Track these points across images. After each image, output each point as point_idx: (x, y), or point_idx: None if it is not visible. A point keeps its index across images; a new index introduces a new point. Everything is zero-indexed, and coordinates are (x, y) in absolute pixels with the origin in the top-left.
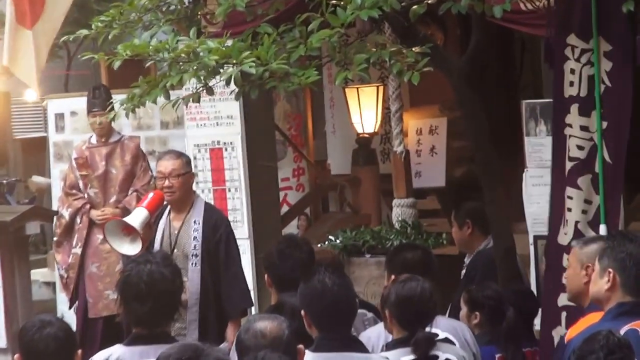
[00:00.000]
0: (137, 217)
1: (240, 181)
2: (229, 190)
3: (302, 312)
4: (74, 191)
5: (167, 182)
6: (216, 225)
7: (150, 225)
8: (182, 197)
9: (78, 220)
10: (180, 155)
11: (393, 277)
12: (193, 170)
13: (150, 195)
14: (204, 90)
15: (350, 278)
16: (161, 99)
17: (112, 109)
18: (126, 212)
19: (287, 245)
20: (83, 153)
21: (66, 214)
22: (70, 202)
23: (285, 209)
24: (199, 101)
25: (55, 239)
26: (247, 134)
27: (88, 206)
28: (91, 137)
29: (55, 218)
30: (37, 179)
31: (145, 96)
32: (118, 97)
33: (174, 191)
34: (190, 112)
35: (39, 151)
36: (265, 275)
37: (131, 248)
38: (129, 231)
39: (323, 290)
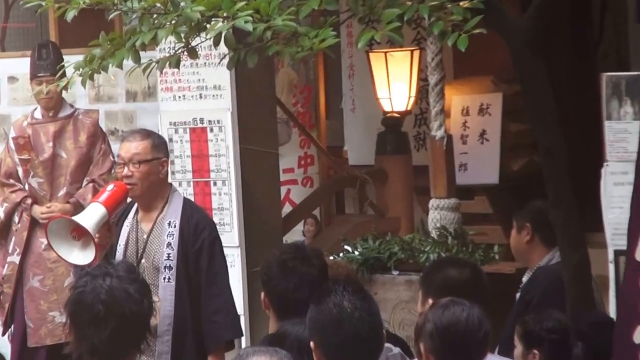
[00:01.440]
0: (90, 216)
1: (229, 172)
2: (215, 184)
3: (312, 345)
4: (10, 181)
5: (125, 170)
6: (197, 228)
7: (110, 226)
8: (147, 191)
9: (16, 218)
10: (148, 135)
11: (430, 301)
12: (170, 157)
13: (110, 187)
14: (185, 53)
15: None
16: (128, 63)
17: (64, 74)
18: (79, 208)
19: (291, 256)
20: (24, 131)
21: (1, 213)
22: (6, 194)
23: (287, 208)
24: (177, 66)
25: None
26: (240, 110)
27: (29, 201)
28: (35, 110)
29: None
30: None
31: (107, 58)
32: (71, 59)
33: (135, 183)
34: (166, 81)
35: None
36: (262, 295)
37: (83, 256)
38: (80, 234)
39: (340, 316)
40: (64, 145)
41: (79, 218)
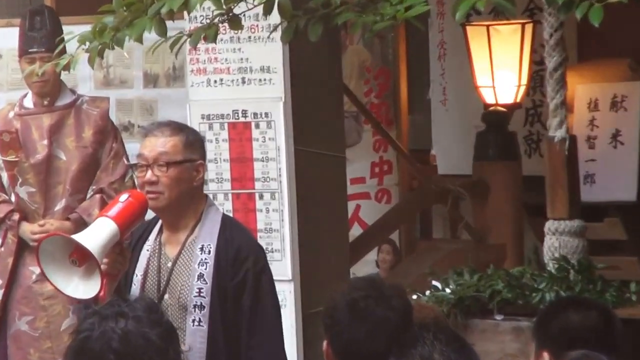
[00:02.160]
0: (96, 234)
1: (280, 182)
2: (261, 197)
3: None
4: None
5: (149, 175)
6: (239, 256)
7: (123, 250)
8: (175, 203)
9: None
10: (180, 129)
11: (546, 355)
12: (205, 158)
13: (124, 197)
14: (225, 22)
15: None
16: (150, 36)
17: (64, 50)
18: (82, 227)
19: (363, 294)
20: (10, 125)
21: None
22: None
23: (357, 231)
24: (214, 41)
25: None
26: (295, 100)
27: (16, 216)
28: (24, 96)
29: None
30: None
31: (123, 29)
32: (74, 30)
33: (160, 191)
34: (197, 60)
35: None
36: (324, 345)
37: (85, 288)
38: (82, 258)
39: None
40: (62, 143)
41: (80, 237)
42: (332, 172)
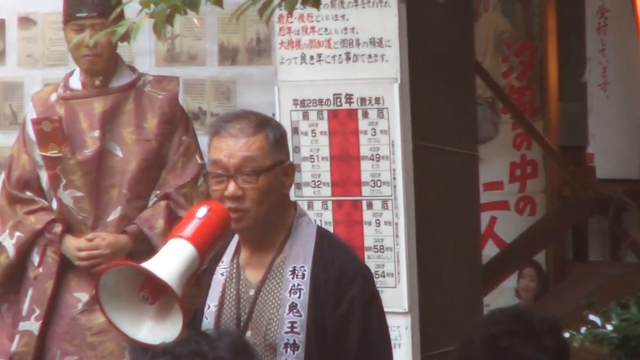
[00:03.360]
0: (173, 261)
1: (394, 186)
2: (370, 206)
3: None
4: (27, 193)
5: (232, 188)
6: (342, 280)
7: (200, 279)
8: (264, 219)
9: (35, 258)
10: (262, 122)
11: None
12: (292, 158)
13: (202, 212)
14: None
15: None
16: None
17: (121, 15)
18: (143, 243)
19: (506, 329)
20: (51, 110)
21: (9, 243)
22: (19, 217)
23: (492, 250)
24: (317, 5)
25: None
26: (414, 82)
27: (59, 228)
28: (70, 75)
29: None
30: None
31: None
32: None
33: (248, 209)
34: (289, 30)
35: None
36: None
37: (162, 331)
38: (154, 293)
39: None
40: (118, 135)
41: (154, 266)
42: (460, 175)
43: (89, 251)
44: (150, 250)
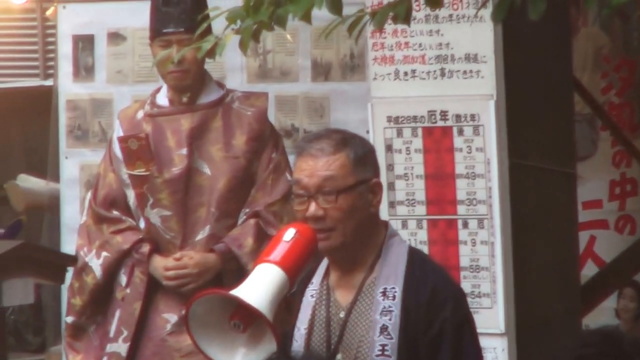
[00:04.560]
0: (263, 287)
1: (490, 205)
2: (465, 226)
3: None
4: (114, 212)
5: (313, 208)
6: (434, 301)
7: (290, 303)
8: (352, 239)
9: (123, 278)
10: (344, 140)
11: None
12: (386, 176)
13: (290, 235)
14: None
15: None
16: (321, 13)
17: (208, 30)
18: (230, 261)
19: (596, 351)
20: (138, 127)
21: (96, 264)
22: (106, 236)
23: (591, 269)
24: (407, 21)
25: (68, 320)
26: (510, 98)
27: (147, 248)
28: (157, 92)
29: (72, 274)
30: (26, 181)
31: (286, 4)
32: (220, 6)
33: (332, 228)
34: (382, 46)
35: (30, 120)
36: None
37: (254, 355)
38: (246, 320)
39: None
40: (206, 152)
41: (245, 293)
42: (558, 193)
43: (177, 270)
44: (239, 269)
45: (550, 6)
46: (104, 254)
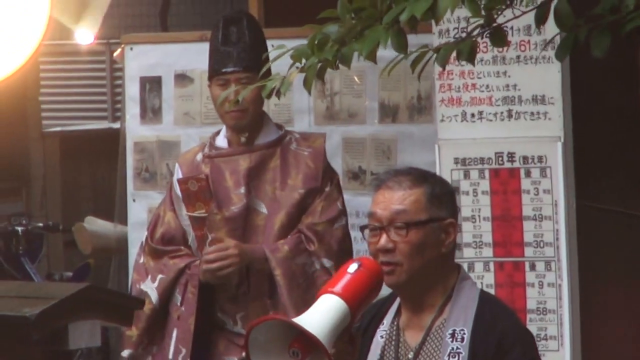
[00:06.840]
0: (323, 317)
1: (557, 247)
2: (532, 268)
3: None
4: (170, 247)
5: (383, 240)
6: (502, 345)
7: (353, 336)
8: (420, 277)
9: (178, 297)
10: (423, 178)
11: None
12: (456, 216)
13: (354, 267)
14: (486, 36)
15: None
16: (388, 54)
17: (268, 71)
18: (259, 262)
19: None
20: (197, 169)
21: (151, 288)
22: (163, 262)
23: None
24: (471, 60)
25: (124, 354)
26: (578, 140)
27: (198, 261)
28: (217, 134)
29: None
30: (94, 224)
31: (351, 43)
32: (285, 44)
33: (399, 262)
34: (449, 87)
35: (98, 163)
36: None
37: None
38: (304, 349)
39: None
40: (262, 191)
41: (305, 321)
42: (628, 236)
43: (218, 253)
44: (267, 271)
45: (614, 43)
46: (160, 276)
